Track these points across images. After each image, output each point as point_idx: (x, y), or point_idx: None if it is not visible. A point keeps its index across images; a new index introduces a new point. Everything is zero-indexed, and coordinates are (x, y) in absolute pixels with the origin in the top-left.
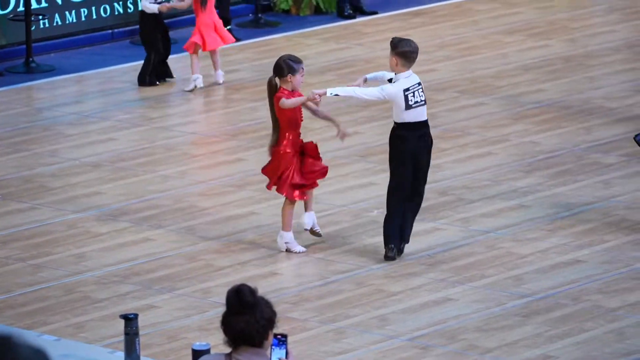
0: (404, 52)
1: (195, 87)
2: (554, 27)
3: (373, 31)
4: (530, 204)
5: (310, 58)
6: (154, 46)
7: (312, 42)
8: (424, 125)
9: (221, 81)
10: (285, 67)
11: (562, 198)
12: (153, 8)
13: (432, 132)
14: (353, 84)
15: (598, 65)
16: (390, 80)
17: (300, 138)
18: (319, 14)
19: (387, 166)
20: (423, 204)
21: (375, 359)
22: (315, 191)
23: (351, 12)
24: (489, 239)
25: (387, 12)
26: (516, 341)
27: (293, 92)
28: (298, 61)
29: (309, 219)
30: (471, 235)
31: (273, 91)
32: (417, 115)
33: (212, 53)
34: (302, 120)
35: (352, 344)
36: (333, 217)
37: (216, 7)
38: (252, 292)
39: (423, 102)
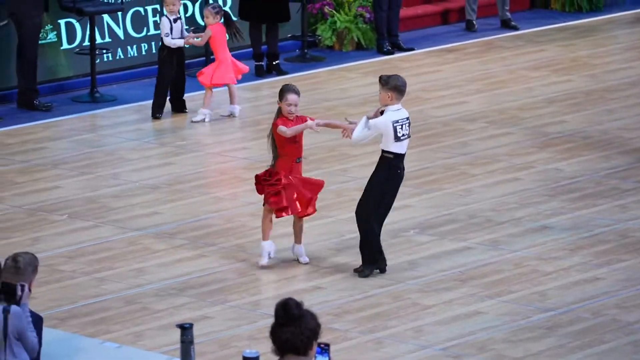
0: (396, 86)
1: (204, 120)
2: (576, 64)
3: (410, 66)
4: (554, 226)
5: (352, 90)
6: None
7: (354, 76)
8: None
9: (237, 114)
10: (279, 92)
11: (582, 220)
12: (179, 42)
13: (463, 159)
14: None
15: (616, 99)
16: (382, 113)
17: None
18: (360, 50)
19: (421, 189)
20: (455, 225)
21: None
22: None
23: (390, 48)
24: (515, 257)
25: (423, 49)
26: (541, 352)
27: (294, 119)
28: (288, 90)
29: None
30: (499, 253)
31: (276, 114)
32: (403, 147)
33: (230, 87)
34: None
35: (389, 353)
36: None
37: (266, 43)
38: (298, 305)
39: (408, 136)
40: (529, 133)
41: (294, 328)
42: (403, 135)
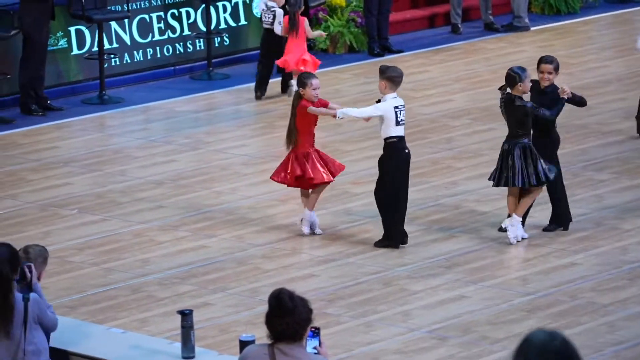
0: (391, 76)
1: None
2: None
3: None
4: (529, 215)
5: (344, 90)
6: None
7: (346, 77)
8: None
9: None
10: (298, 80)
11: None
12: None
13: (448, 153)
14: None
15: (593, 95)
16: (378, 102)
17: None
18: (352, 53)
19: (410, 182)
20: (440, 215)
21: (399, 348)
22: (350, 203)
23: (380, 50)
24: (498, 244)
25: (412, 51)
26: (521, 333)
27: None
28: (312, 77)
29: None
30: (483, 241)
31: (296, 100)
32: (403, 131)
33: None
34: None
35: (379, 336)
36: (364, 227)
37: None
38: (291, 297)
39: (404, 122)
40: None
41: (288, 319)
42: (402, 120)
